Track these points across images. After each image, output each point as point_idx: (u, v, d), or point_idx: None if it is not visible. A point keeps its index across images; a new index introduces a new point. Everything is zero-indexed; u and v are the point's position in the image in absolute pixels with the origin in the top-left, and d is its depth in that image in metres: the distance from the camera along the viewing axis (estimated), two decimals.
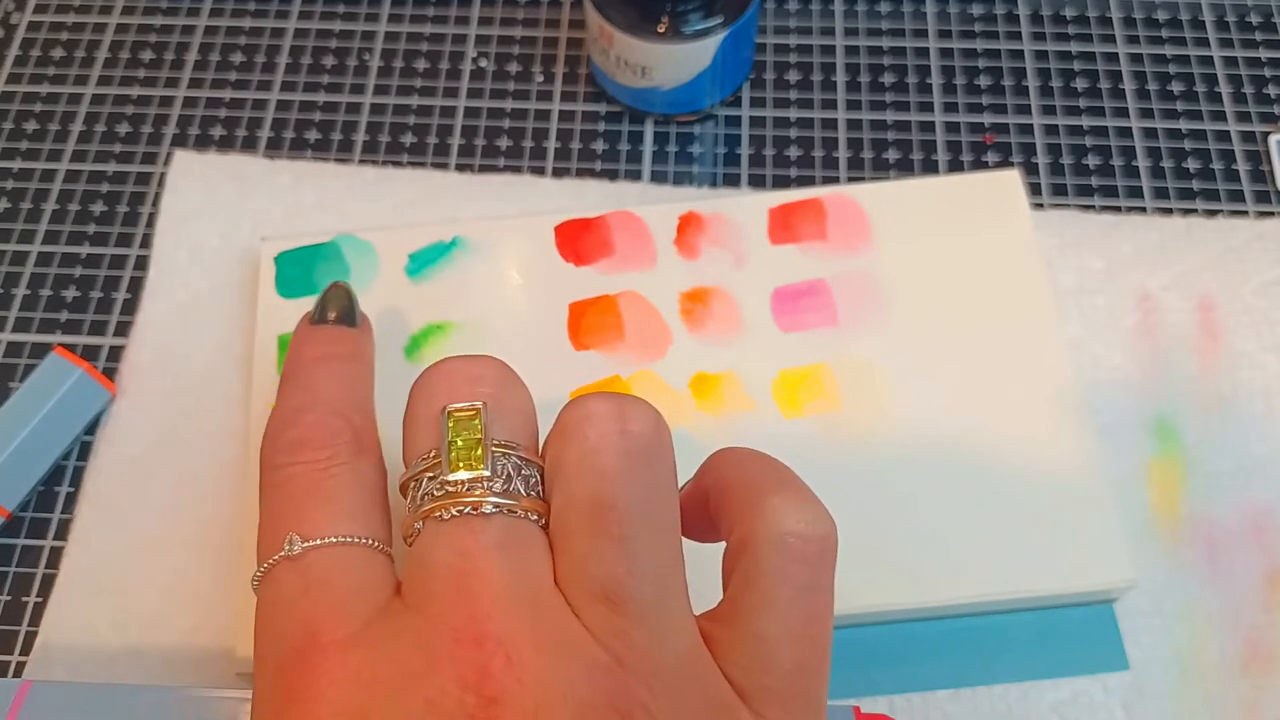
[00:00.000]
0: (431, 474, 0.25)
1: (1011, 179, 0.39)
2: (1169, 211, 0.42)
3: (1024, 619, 0.34)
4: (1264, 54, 0.45)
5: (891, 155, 0.43)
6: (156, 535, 0.36)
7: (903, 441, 0.35)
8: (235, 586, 0.34)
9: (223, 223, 0.41)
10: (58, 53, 0.46)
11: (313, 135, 0.44)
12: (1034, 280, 0.37)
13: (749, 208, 0.39)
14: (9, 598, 0.36)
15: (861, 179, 0.43)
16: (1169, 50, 0.46)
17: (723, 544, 0.26)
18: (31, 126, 0.45)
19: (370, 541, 0.25)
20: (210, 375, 0.38)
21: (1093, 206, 0.42)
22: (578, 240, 0.39)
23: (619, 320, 0.37)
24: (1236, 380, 0.38)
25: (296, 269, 0.38)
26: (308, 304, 0.37)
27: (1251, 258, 0.40)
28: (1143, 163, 0.43)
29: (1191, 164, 0.43)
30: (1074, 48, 0.46)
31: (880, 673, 0.33)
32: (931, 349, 0.37)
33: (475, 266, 0.38)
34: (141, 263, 0.41)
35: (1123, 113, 0.44)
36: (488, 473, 0.24)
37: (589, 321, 0.37)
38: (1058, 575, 0.33)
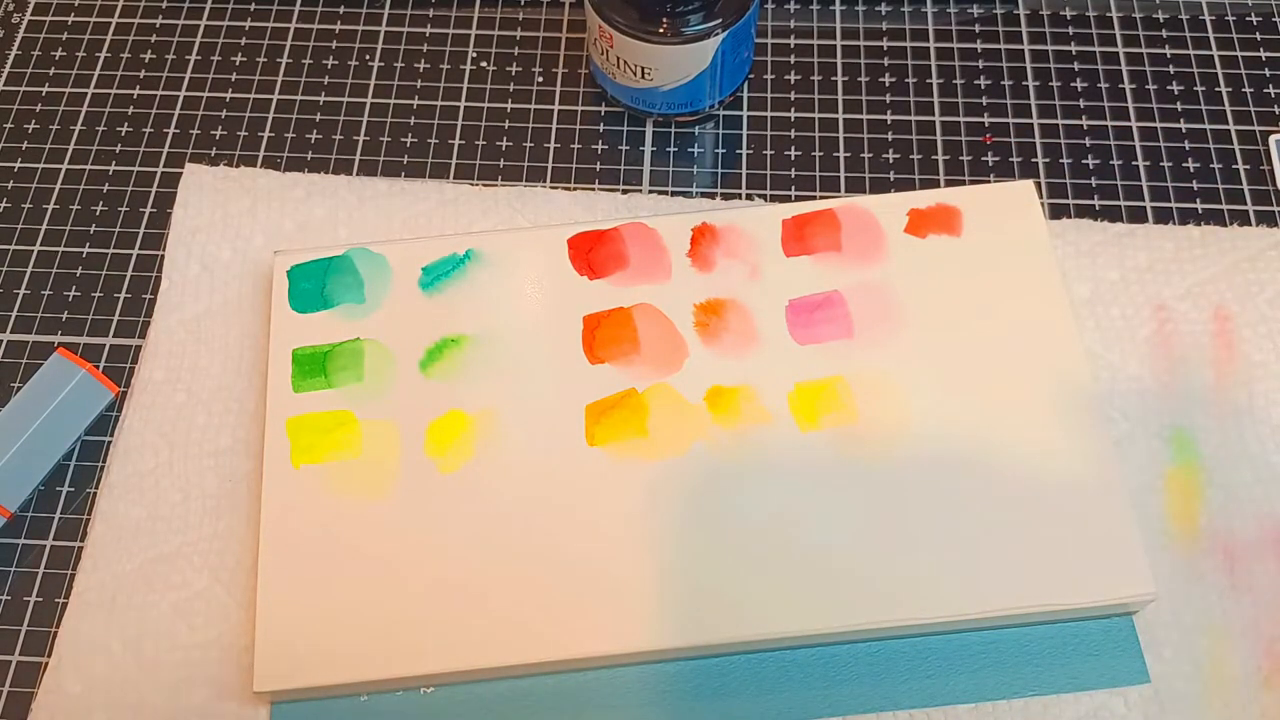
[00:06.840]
0: None
1: (1026, 189, 0.39)
2: (1168, 211, 0.42)
3: (1044, 632, 0.34)
4: (1264, 54, 0.45)
5: (891, 155, 0.43)
6: (169, 551, 0.36)
7: (920, 454, 0.35)
8: (250, 602, 0.34)
9: (234, 236, 0.41)
10: (58, 53, 0.46)
11: (314, 135, 0.44)
12: (1050, 290, 0.37)
13: (762, 219, 0.39)
14: (9, 597, 0.36)
15: (861, 179, 0.43)
16: (1169, 50, 0.46)
17: None
18: (31, 126, 0.45)
19: None
20: (223, 389, 0.38)
21: (1092, 206, 0.42)
22: (591, 252, 0.38)
23: (634, 333, 0.37)
24: (1253, 391, 0.37)
25: (309, 282, 0.38)
26: (320, 318, 0.37)
27: (1267, 267, 0.40)
28: (1142, 163, 0.43)
29: (1191, 164, 0.43)
30: (1074, 48, 0.46)
31: (901, 687, 0.33)
32: (948, 361, 0.36)
33: (488, 279, 0.38)
34: (143, 262, 0.41)
35: (1122, 113, 0.44)
36: None
37: (604, 334, 0.37)
38: (1077, 588, 0.33)
